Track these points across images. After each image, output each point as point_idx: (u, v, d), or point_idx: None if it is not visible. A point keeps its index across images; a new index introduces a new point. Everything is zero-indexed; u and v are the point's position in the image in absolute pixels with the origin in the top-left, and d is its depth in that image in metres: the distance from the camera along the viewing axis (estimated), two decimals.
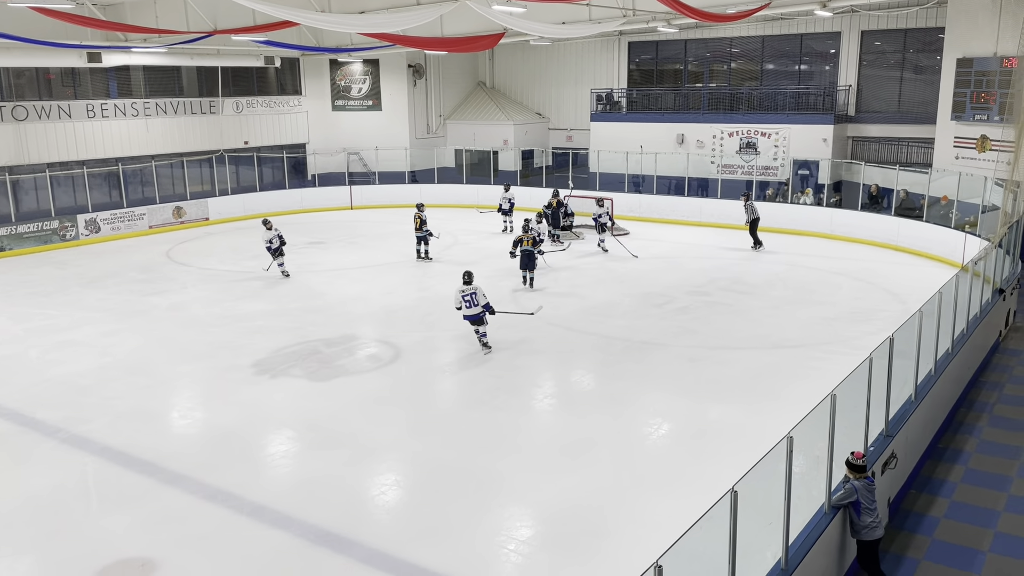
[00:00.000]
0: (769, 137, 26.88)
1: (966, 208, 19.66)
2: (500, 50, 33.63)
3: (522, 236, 17.95)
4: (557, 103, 33.89)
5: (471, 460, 9.84)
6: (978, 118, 21.08)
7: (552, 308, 16.11)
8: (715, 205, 25.46)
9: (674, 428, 10.89)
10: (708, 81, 30.41)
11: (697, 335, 14.51)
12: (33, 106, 24.31)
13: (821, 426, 6.70)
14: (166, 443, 10.41)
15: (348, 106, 32.53)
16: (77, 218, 23.68)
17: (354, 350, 13.94)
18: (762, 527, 6.26)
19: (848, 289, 17.53)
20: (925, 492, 9.11)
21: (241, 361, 13.34)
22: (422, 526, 8.35)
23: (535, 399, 12.05)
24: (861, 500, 6.90)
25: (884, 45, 26.52)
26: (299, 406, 11.56)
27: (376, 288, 18.06)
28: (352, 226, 26.19)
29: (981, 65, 20.77)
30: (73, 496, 9.16)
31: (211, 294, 17.65)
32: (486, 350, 13.58)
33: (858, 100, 26.82)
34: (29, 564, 7.87)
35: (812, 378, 11.82)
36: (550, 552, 7.90)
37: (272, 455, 10.20)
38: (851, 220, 22.71)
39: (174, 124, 27.70)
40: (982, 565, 7.67)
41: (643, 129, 29.07)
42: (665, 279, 18.53)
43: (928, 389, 9.64)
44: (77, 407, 11.54)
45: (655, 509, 8.55)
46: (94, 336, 14.80)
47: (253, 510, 8.67)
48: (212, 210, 26.95)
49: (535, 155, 32.01)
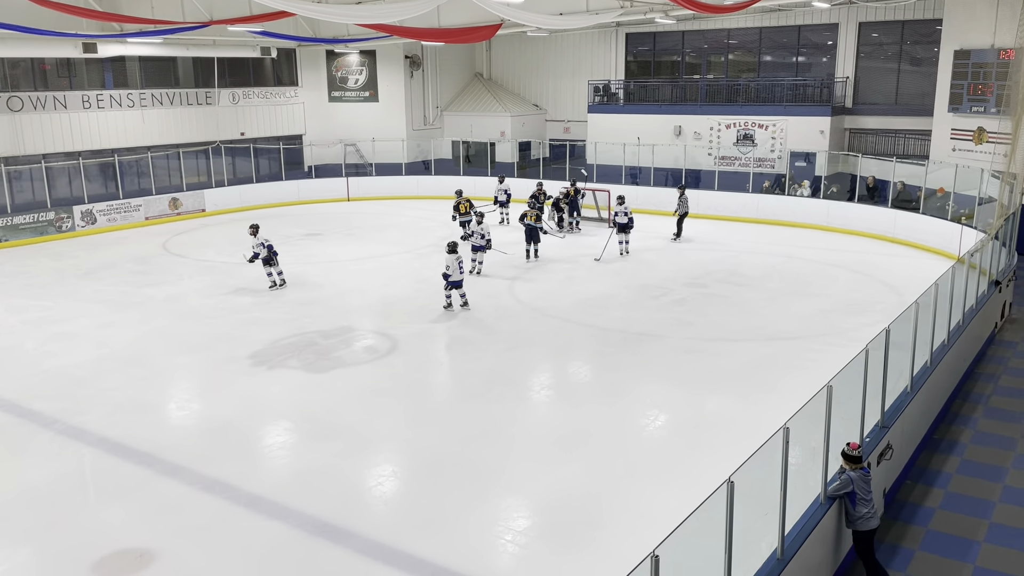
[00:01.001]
0: (766, 129, 26.87)
1: (963, 200, 19.67)
2: (497, 41, 33.55)
3: (527, 211, 18.89)
4: (554, 95, 33.82)
5: (468, 451, 9.86)
6: (975, 110, 21.10)
7: (549, 299, 16.13)
8: (712, 197, 25.45)
9: (670, 419, 10.91)
10: (705, 73, 30.37)
11: (694, 327, 14.53)
12: (29, 97, 24.22)
13: (817, 417, 6.73)
14: (163, 434, 10.42)
15: (345, 97, 32.44)
16: (73, 209, 23.62)
17: (351, 342, 13.94)
18: (758, 517, 6.28)
19: (844, 281, 17.56)
20: (921, 483, 9.15)
21: (238, 353, 13.33)
22: (419, 517, 8.37)
23: (532, 390, 12.07)
24: (857, 491, 6.93)
25: (882, 37, 26.50)
26: (296, 398, 11.56)
27: (373, 280, 18.05)
28: (349, 218, 26.15)
29: (978, 57, 20.77)
30: (70, 487, 9.16)
31: (208, 286, 17.63)
32: (466, 308, 15.28)
33: (855, 92, 26.83)
34: (27, 555, 7.88)
35: (808, 370, 11.85)
36: (547, 542, 7.92)
37: (269, 446, 10.21)
38: (848, 212, 22.73)
39: (170, 115, 27.62)
40: (977, 555, 7.72)
41: (640, 121, 29.05)
42: (662, 271, 18.54)
43: (924, 380, 9.66)
44: (74, 398, 11.53)
45: (651, 500, 8.57)
46: (90, 328, 14.79)
47: (250, 501, 8.68)
48: (208, 202, 26.89)
49: (532, 147, 31.95)
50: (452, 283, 15.22)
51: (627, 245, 20.13)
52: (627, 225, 20.01)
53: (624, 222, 20.01)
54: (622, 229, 20.03)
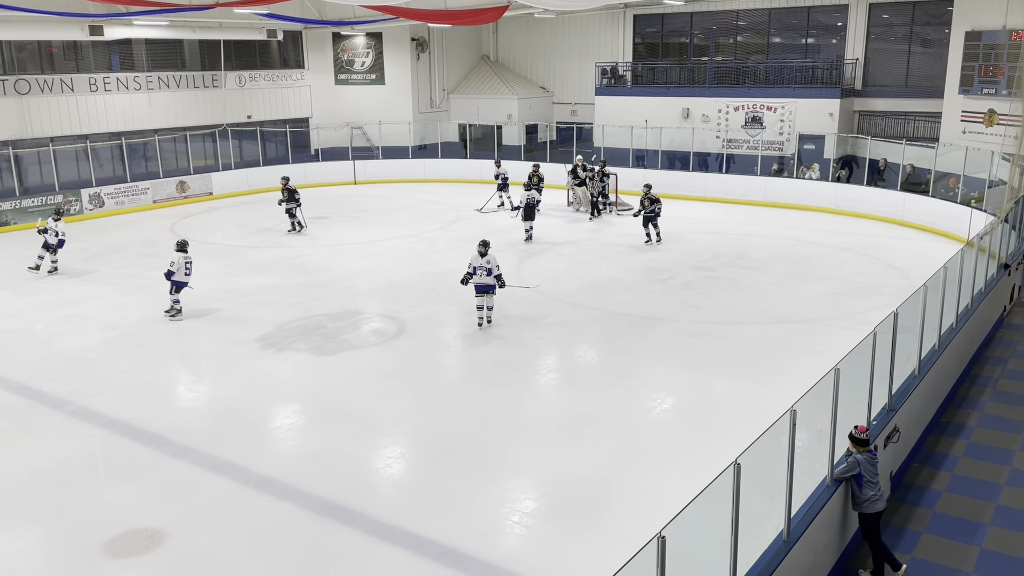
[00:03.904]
0: (775, 111, 26.69)
1: (973, 183, 19.55)
2: (504, 23, 33.34)
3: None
4: (561, 77, 33.64)
5: (475, 434, 9.90)
6: (986, 92, 20.91)
7: (556, 283, 16.12)
8: (720, 180, 25.35)
9: (677, 402, 10.93)
10: (714, 55, 30.15)
11: (701, 310, 14.51)
12: (36, 80, 24.21)
13: (824, 400, 6.72)
14: (172, 416, 10.49)
15: (351, 80, 32.34)
16: (81, 192, 23.66)
17: (358, 325, 13.98)
18: (764, 500, 6.30)
19: (853, 264, 17.50)
20: (927, 466, 9.15)
21: (246, 335, 13.38)
22: (427, 498, 8.42)
23: (539, 373, 12.09)
24: (863, 473, 6.94)
25: (892, 18, 26.24)
26: (304, 380, 11.61)
27: (380, 263, 18.06)
28: (356, 201, 26.14)
29: (990, 38, 20.56)
30: (81, 468, 9.24)
31: (215, 269, 17.66)
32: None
33: (865, 74, 26.60)
34: (38, 535, 7.96)
35: (815, 353, 11.83)
36: (553, 523, 7.97)
37: (278, 428, 10.27)
38: (856, 195, 22.62)
39: (177, 98, 27.58)
40: (983, 537, 7.73)
41: (648, 103, 28.88)
42: (669, 254, 18.50)
43: (932, 364, 9.65)
44: (84, 380, 11.61)
45: (658, 482, 8.60)
46: (99, 310, 14.85)
47: (260, 482, 8.74)
48: (216, 185, 26.90)
49: (539, 129, 31.85)
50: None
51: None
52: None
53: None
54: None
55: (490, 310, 13.65)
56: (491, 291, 13.48)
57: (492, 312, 13.69)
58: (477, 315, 13.64)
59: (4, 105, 23.52)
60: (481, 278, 13.32)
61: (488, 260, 13.30)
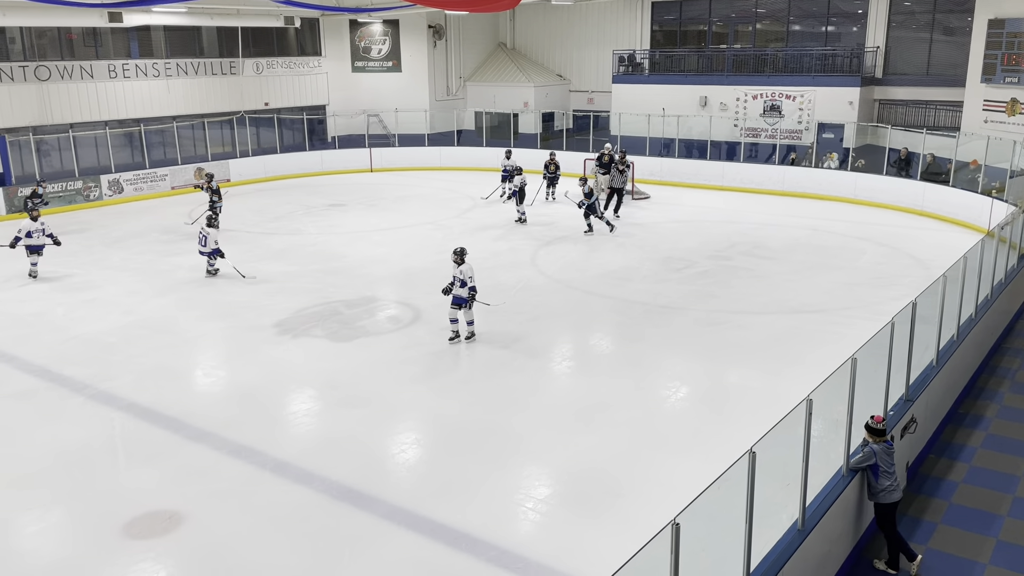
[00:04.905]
0: (794, 100, 26.48)
1: (994, 173, 19.33)
2: (521, 10, 33.22)
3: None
4: (578, 65, 33.50)
5: (490, 420, 9.94)
6: (1009, 81, 20.65)
7: (572, 272, 16.12)
8: (738, 169, 25.20)
9: (692, 391, 10.92)
10: (732, 42, 29.91)
11: (717, 299, 14.46)
12: (56, 66, 24.38)
13: (841, 390, 6.70)
14: (190, 400, 10.59)
15: (368, 67, 32.35)
16: (100, 179, 23.84)
17: (374, 311, 14.03)
18: (779, 489, 6.29)
19: (872, 254, 17.37)
20: (944, 457, 9.10)
21: (263, 321, 13.47)
22: (441, 483, 8.47)
23: (553, 361, 12.10)
24: (879, 463, 6.91)
25: (913, 5, 25.92)
26: (320, 366, 11.69)
27: (396, 250, 18.11)
28: (372, 188, 26.19)
29: (1013, 26, 20.28)
30: (101, 451, 9.36)
31: (233, 255, 17.74)
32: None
33: (886, 62, 26.32)
34: (60, 516, 8.07)
35: (832, 342, 11.78)
36: (567, 510, 8.00)
37: (294, 413, 10.35)
38: (876, 184, 22.41)
39: (195, 85, 27.70)
40: (1000, 529, 7.69)
41: (666, 91, 28.72)
42: (686, 243, 18.43)
43: (950, 354, 9.58)
44: (103, 364, 11.74)
45: (673, 470, 8.61)
46: (119, 295, 14.99)
47: (276, 466, 8.82)
48: (233, 172, 27.02)
49: (556, 117, 31.76)
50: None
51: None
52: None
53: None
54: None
55: (470, 324, 12.36)
56: (465, 304, 12.21)
57: (473, 327, 12.41)
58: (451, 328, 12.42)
59: (25, 91, 23.72)
60: (456, 289, 12.17)
61: (461, 271, 12.00)
